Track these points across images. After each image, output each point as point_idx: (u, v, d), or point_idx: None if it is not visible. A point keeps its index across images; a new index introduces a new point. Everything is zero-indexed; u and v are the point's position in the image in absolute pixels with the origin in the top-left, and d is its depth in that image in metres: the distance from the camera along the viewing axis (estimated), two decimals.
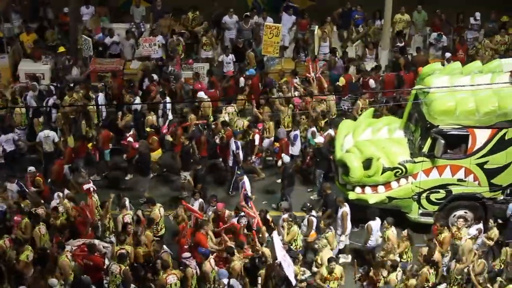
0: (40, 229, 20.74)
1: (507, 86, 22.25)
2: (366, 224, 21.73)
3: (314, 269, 20.84)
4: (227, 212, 21.85)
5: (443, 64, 25.90)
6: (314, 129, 24.73)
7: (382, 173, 22.46)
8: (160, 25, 30.55)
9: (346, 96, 27.25)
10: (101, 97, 26.14)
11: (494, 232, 21.53)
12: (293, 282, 19.77)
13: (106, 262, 20.23)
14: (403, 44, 30.90)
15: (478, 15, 31.68)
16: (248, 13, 30.98)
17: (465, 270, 20.39)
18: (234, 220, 21.51)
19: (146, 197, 22.86)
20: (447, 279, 20.78)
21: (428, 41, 31.39)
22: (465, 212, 22.71)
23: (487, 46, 30.39)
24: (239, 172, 23.23)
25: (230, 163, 24.16)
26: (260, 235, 20.74)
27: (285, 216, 21.61)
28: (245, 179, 22.63)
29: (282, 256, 19.53)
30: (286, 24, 31.12)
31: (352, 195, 22.70)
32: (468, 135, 22.22)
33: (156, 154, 24.34)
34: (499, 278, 20.55)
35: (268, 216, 21.93)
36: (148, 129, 24.56)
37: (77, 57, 29.47)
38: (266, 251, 20.35)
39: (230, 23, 30.96)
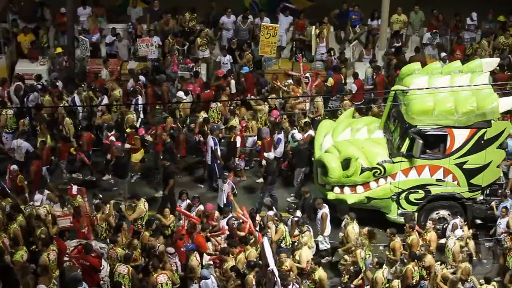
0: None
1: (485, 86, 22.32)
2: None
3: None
4: (216, 213, 21.94)
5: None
6: (295, 131, 24.82)
7: (360, 173, 22.45)
8: (157, 26, 30.71)
9: (334, 97, 27.35)
10: (77, 98, 26.22)
11: (466, 232, 21.42)
12: None
13: (103, 263, 20.30)
14: (400, 44, 30.92)
15: (474, 15, 31.63)
16: (245, 14, 31.11)
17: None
18: (223, 222, 21.70)
19: (130, 193, 23.00)
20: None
21: (422, 42, 31.35)
22: (437, 213, 22.73)
23: (483, 47, 30.33)
24: (225, 174, 23.28)
25: (209, 160, 24.27)
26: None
27: (270, 213, 21.73)
28: (230, 180, 22.95)
29: (274, 263, 19.43)
30: (283, 24, 31.26)
31: (331, 195, 22.74)
32: (447, 135, 22.20)
33: (139, 155, 24.43)
34: (481, 280, 20.53)
35: (257, 217, 22.01)
36: (128, 130, 24.68)
37: (74, 57, 29.74)
38: (254, 253, 20.43)
39: (228, 23, 31.13)
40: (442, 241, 21.58)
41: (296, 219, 21.79)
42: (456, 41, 30.87)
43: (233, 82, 27.62)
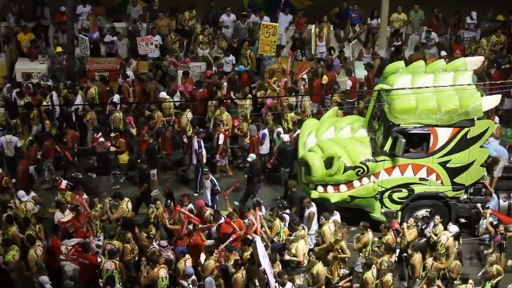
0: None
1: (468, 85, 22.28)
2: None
3: (287, 257, 20.80)
4: (207, 212, 22.00)
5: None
6: (280, 129, 24.91)
7: (343, 172, 22.48)
8: (157, 25, 30.88)
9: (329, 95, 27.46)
10: (55, 96, 26.37)
11: (440, 228, 21.45)
12: None
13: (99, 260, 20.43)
14: (400, 43, 30.93)
15: (474, 14, 31.61)
16: (245, 13, 31.26)
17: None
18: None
19: (114, 192, 23.05)
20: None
21: (421, 41, 31.35)
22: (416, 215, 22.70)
23: (482, 46, 30.24)
24: (206, 170, 23.41)
25: (194, 161, 24.42)
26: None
27: (260, 213, 21.77)
28: (211, 176, 23.07)
29: (267, 263, 19.51)
30: (283, 23, 31.43)
31: (314, 194, 22.77)
32: (430, 134, 22.19)
33: (125, 156, 24.61)
34: (456, 282, 20.61)
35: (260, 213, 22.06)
36: (112, 134, 24.86)
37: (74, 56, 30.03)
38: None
39: (228, 22, 31.32)
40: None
41: (285, 215, 21.88)
42: (455, 40, 30.82)
43: (225, 83, 27.70)
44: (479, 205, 22.52)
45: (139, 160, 23.76)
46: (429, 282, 19.88)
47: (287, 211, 22.22)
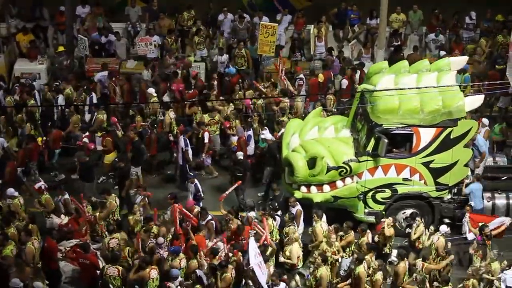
0: None
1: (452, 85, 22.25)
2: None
3: (281, 259, 20.92)
4: (195, 209, 22.14)
5: None
6: (265, 131, 24.95)
7: (326, 172, 22.44)
8: (159, 25, 30.94)
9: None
10: (37, 97, 26.50)
11: (420, 229, 21.45)
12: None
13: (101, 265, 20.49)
14: (399, 43, 30.85)
15: (473, 14, 31.36)
16: (243, 13, 31.32)
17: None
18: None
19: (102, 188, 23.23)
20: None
21: (425, 41, 31.20)
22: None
23: (481, 46, 30.09)
24: (191, 174, 23.51)
25: (180, 160, 24.51)
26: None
27: (251, 214, 21.82)
28: (196, 181, 23.11)
29: (258, 263, 19.53)
30: (282, 23, 31.48)
31: (297, 194, 22.75)
32: (413, 134, 22.13)
33: (111, 156, 24.70)
34: (435, 283, 20.55)
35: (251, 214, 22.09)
36: (99, 133, 24.96)
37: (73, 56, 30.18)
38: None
39: (226, 22, 31.36)
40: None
41: (276, 216, 21.99)
42: (455, 40, 30.70)
43: (215, 83, 27.83)
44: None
45: (116, 159, 23.91)
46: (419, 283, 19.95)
47: (279, 212, 22.31)
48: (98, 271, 20.18)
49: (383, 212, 22.69)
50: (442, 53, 29.58)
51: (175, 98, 26.53)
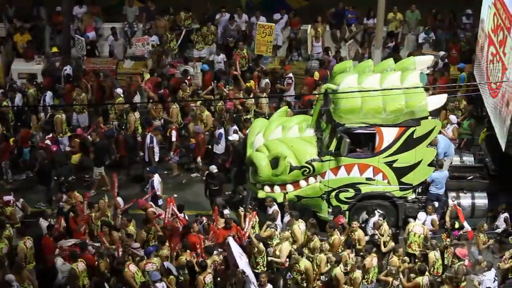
0: None
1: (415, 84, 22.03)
2: None
3: (269, 258, 20.89)
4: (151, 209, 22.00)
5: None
6: (235, 128, 24.99)
7: (289, 172, 22.42)
8: (155, 25, 31.02)
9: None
10: (18, 97, 26.71)
11: (384, 228, 21.35)
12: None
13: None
14: (393, 43, 30.63)
15: (470, 14, 30.94)
16: (234, 14, 31.32)
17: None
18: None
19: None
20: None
21: (418, 41, 30.94)
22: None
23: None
24: (148, 169, 23.64)
25: (146, 158, 24.65)
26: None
27: (225, 212, 21.98)
28: (155, 177, 23.14)
29: (244, 263, 19.57)
30: (280, 23, 31.44)
31: (261, 194, 22.76)
32: (375, 134, 22.01)
33: (77, 156, 24.88)
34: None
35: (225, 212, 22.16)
36: (69, 134, 25.18)
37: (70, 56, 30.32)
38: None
39: (222, 21, 31.45)
40: None
41: None
42: (452, 40, 30.37)
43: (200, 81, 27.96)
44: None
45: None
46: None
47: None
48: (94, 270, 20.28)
49: (341, 207, 22.58)
50: (441, 53, 29.28)
51: (149, 97, 26.66)
